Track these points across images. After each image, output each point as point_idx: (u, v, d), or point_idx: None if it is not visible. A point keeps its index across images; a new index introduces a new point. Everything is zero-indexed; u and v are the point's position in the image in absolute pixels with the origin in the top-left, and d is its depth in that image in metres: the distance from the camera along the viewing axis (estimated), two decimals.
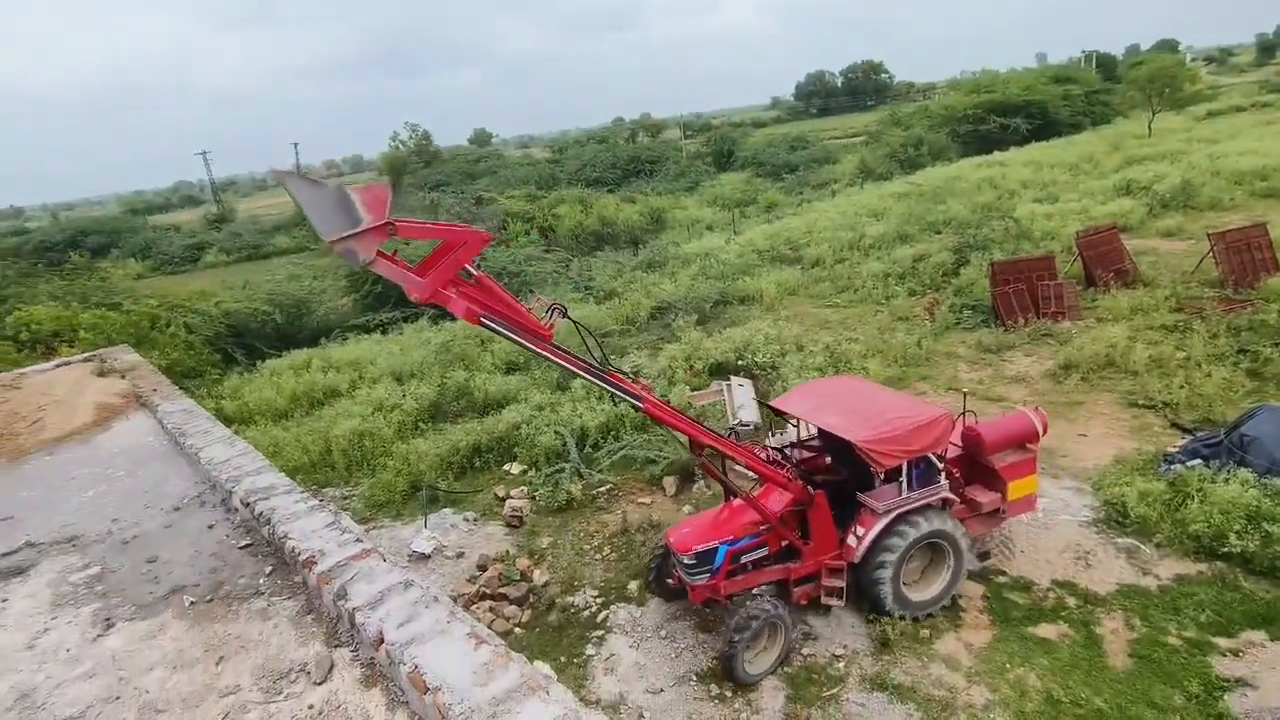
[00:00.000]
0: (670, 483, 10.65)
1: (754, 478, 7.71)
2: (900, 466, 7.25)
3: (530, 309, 4.58)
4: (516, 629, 8.24)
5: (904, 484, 7.38)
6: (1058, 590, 7.88)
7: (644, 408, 5.83)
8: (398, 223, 3.73)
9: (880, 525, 7.28)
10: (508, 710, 2.23)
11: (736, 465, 7.08)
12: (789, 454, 8.13)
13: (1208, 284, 15.40)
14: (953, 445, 7.92)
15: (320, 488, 11.82)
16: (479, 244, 4.15)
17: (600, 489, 10.76)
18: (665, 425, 6.26)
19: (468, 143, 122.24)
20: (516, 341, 4.48)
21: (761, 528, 7.36)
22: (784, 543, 7.44)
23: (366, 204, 3.66)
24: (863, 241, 22.54)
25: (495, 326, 4.30)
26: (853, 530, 7.46)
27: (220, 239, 50.59)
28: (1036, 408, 8.76)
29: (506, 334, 4.42)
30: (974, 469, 8.21)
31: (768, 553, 7.48)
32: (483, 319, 4.22)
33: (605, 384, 5.51)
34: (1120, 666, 6.86)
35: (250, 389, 15.93)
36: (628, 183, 48.09)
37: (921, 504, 7.44)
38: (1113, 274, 16.06)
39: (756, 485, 7.99)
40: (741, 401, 12.77)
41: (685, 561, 7.21)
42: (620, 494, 10.63)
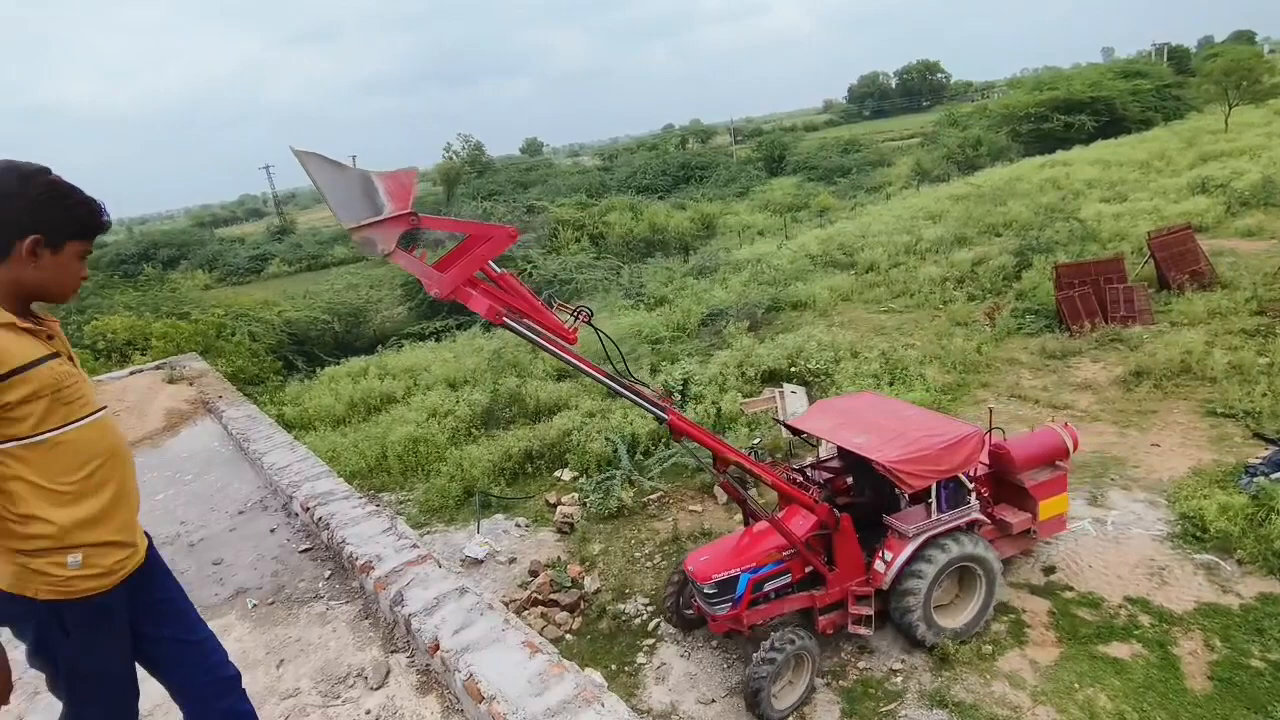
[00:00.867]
0: (722, 491, 10.55)
1: (772, 498, 7.52)
2: (929, 487, 6.94)
3: (554, 312, 4.45)
4: (567, 635, 8.25)
5: (933, 505, 7.05)
6: (1130, 607, 7.50)
7: (669, 419, 5.62)
8: (421, 215, 3.61)
9: (909, 549, 6.95)
10: None
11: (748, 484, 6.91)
12: (810, 474, 7.83)
13: None
14: (980, 464, 7.61)
15: (376, 493, 12.09)
16: (504, 240, 4.03)
17: (651, 496, 10.72)
18: (690, 439, 5.99)
19: (519, 152, 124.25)
20: (538, 344, 4.34)
21: (785, 553, 7.05)
22: (808, 569, 7.12)
23: (390, 191, 3.52)
24: (919, 245, 22.05)
25: (517, 327, 4.17)
26: (880, 555, 7.13)
27: (282, 250, 52.39)
28: (1066, 423, 8.41)
29: (529, 335, 4.27)
30: (1002, 488, 7.87)
31: (791, 580, 7.15)
32: (505, 319, 4.10)
33: (627, 394, 5.30)
34: (1199, 689, 6.48)
35: (310, 396, 16.41)
36: (678, 189, 48.13)
37: (951, 526, 7.10)
38: (1188, 276, 15.33)
39: (776, 508, 7.73)
40: (794, 409, 12.59)
41: (706, 591, 6.92)
42: (671, 501, 10.57)
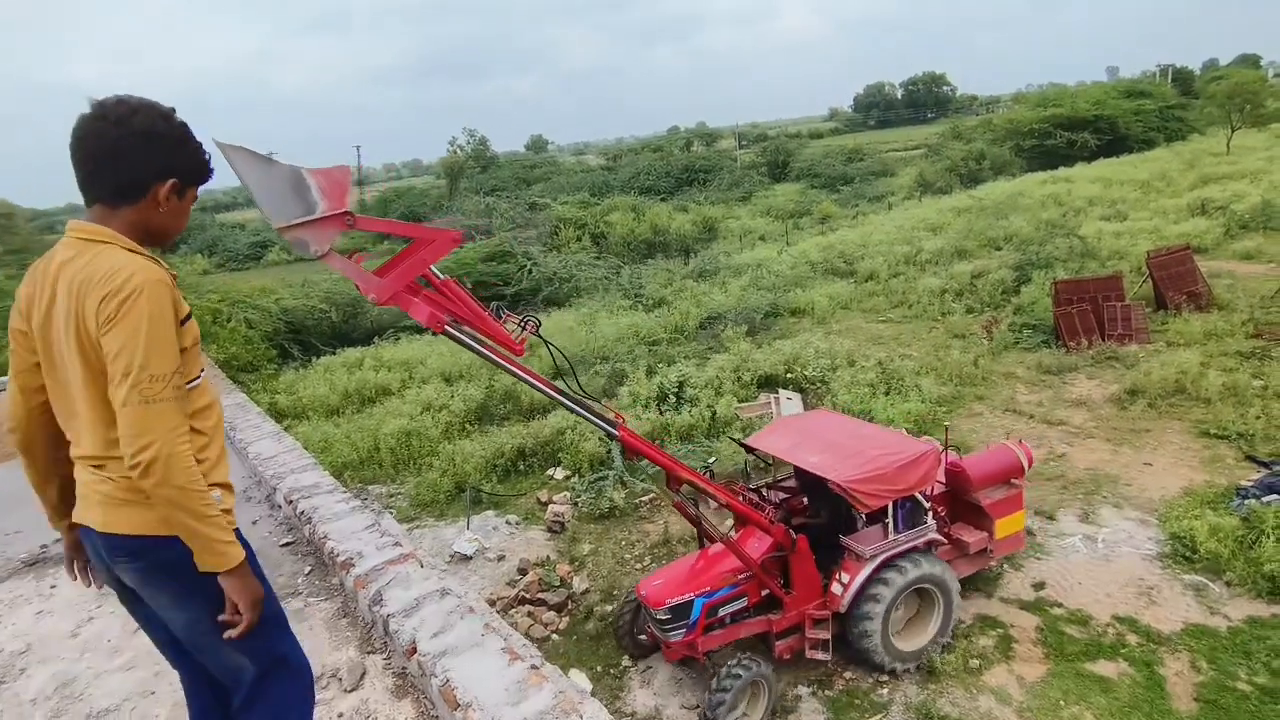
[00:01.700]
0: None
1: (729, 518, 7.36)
2: (885, 507, 6.83)
3: (501, 322, 4.17)
4: (554, 635, 8.19)
5: (890, 526, 6.93)
6: (1118, 626, 7.47)
7: (619, 435, 5.37)
8: (357, 215, 3.40)
9: (866, 571, 6.81)
10: None
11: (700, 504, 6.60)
12: (766, 494, 7.67)
13: None
14: (937, 482, 7.50)
15: (367, 485, 12.01)
16: (448, 244, 3.81)
17: (643, 498, 10.67)
18: (641, 457, 5.74)
19: (524, 149, 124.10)
20: (482, 354, 4.09)
21: (740, 577, 6.84)
22: (764, 593, 6.93)
23: (324, 189, 3.31)
24: (919, 256, 22.05)
25: (460, 337, 3.93)
26: (836, 577, 6.97)
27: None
28: (1020, 440, 8.38)
29: (472, 345, 4.01)
30: (958, 506, 7.78)
31: (747, 604, 6.96)
32: (447, 328, 3.86)
33: (576, 408, 4.96)
34: (1184, 710, 6.45)
35: (305, 385, 16.32)
36: (681, 191, 48.07)
37: (909, 547, 6.99)
38: (1185, 296, 15.34)
39: (732, 528, 7.56)
40: (789, 414, 12.56)
41: (659, 617, 6.68)
42: (662, 503, 10.51)
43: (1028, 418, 12.15)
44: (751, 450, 7.84)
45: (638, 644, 7.56)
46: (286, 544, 3.77)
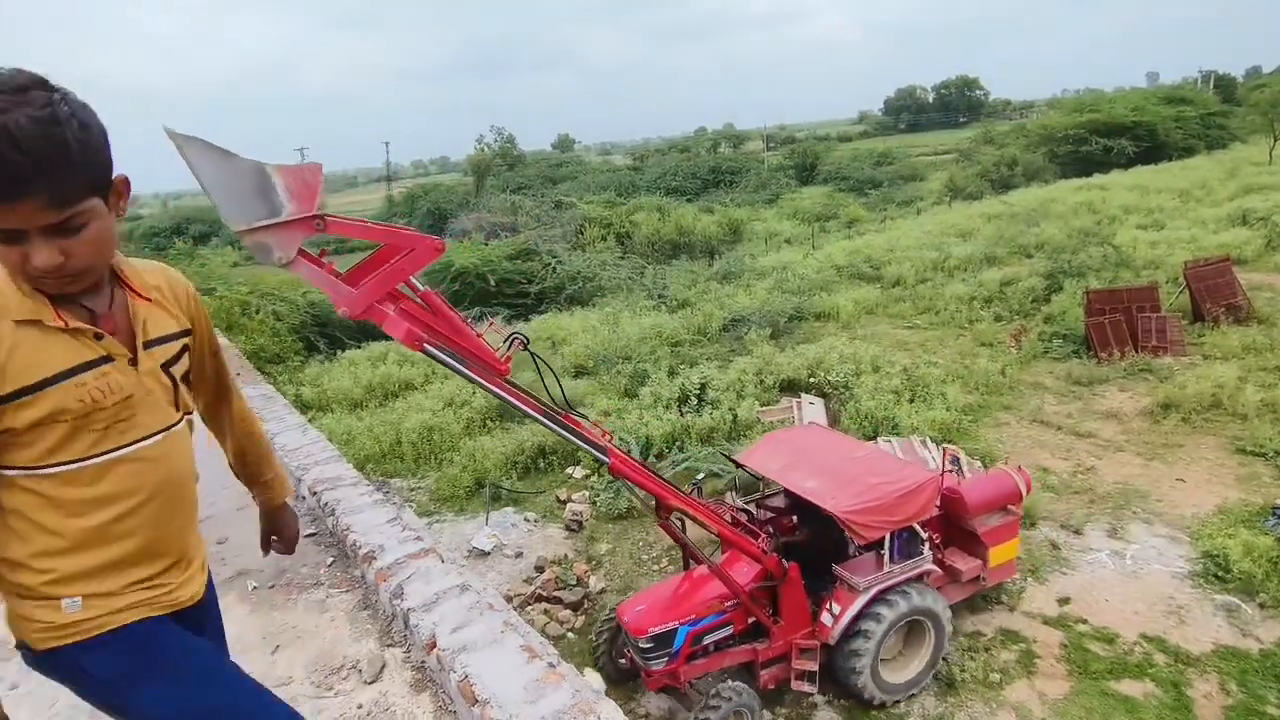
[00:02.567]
0: (732, 497, 10.45)
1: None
2: (882, 538, 6.58)
3: (481, 335, 3.88)
4: (569, 634, 8.20)
5: (886, 556, 6.69)
6: (1145, 645, 7.32)
7: (610, 462, 5.05)
8: (328, 217, 3.07)
9: (859, 603, 6.57)
10: None
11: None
12: (755, 513, 7.39)
13: None
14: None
15: (388, 478, 12.12)
16: (429, 253, 3.39)
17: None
18: (631, 482, 5.39)
19: (551, 147, 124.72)
20: (464, 375, 3.72)
21: (727, 604, 6.57)
22: (751, 620, 6.67)
23: (291, 189, 2.97)
24: (947, 262, 21.78)
25: (441, 356, 3.58)
26: (827, 607, 6.72)
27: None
28: (1019, 466, 8.16)
29: (453, 365, 3.63)
30: (950, 530, 7.55)
31: (733, 631, 6.69)
32: (426, 345, 3.51)
33: (563, 430, 4.62)
34: None
35: (329, 378, 16.51)
36: (707, 193, 47.99)
37: (903, 579, 6.76)
38: (1224, 308, 14.98)
39: (719, 549, 7.30)
40: (811, 420, 12.47)
41: (640, 645, 6.39)
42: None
43: (1055, 428, 11.94)
44: (741, 466, 7.61)
45: (616, 668, 7.24)
46: (310, 535, 3.80)
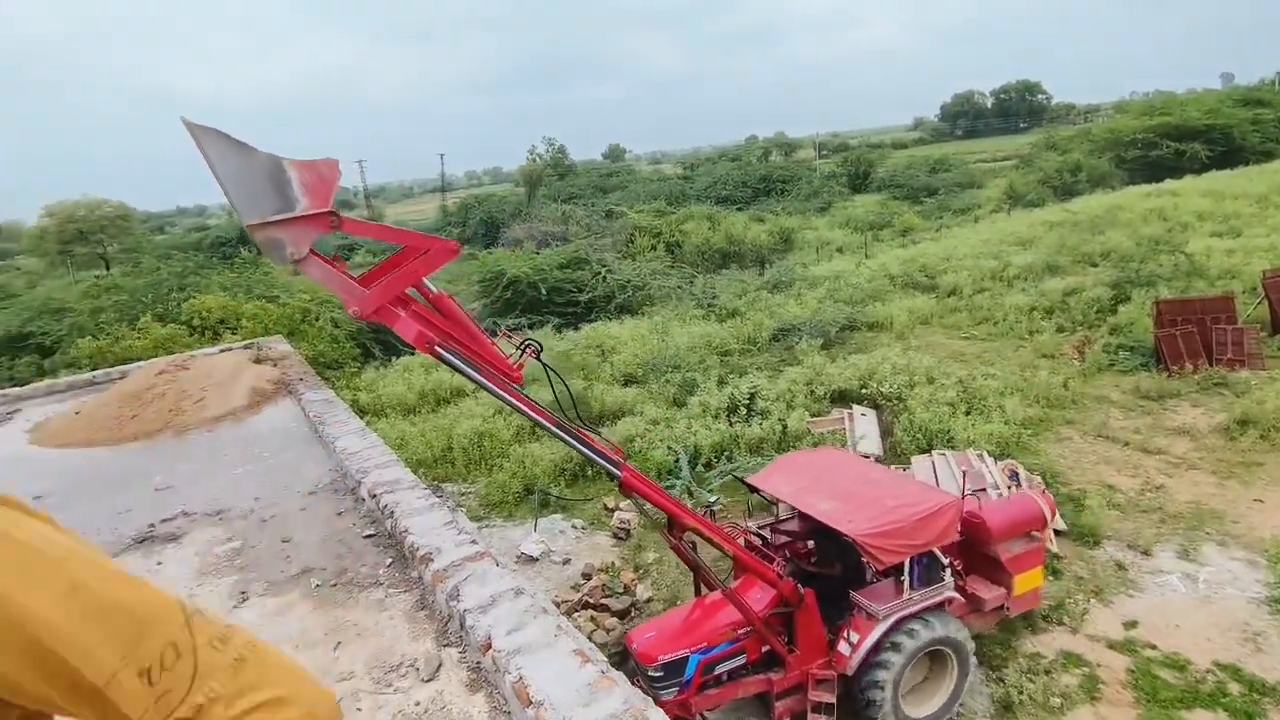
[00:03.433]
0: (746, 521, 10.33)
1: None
2: (901, 563, 6.33)
3: (495, 342, 3.85)
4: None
5: (906, 583, 6.43)
6: (1219, 673, 6.97)
7: (621, 476, 4.87)
8: (343, 216, 3.03)
9: (878, 632, 6.29)
10: None
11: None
12: (769, 537, 7.17)
13: None
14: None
15: (440, 483, 12.36)
16: (443, 255, 3.39)
17: (709, 508, 10.59)
18: (643, 499, 5.21)
19: (602, 157, 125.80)
20: (475, 380, 3.65)
21: (740, 631, 6.30)
22: (765, 648, 6.39)
23: (306, 185, 2.93)
24: (1007, 271, 21.22)
25: (452, 359, 3.53)
26: (845, 635, 6.45)
27: (368, 241, 54.20)
28: (1044, 490, 7.78)
29: (464, 369, 3.57)
30: (973, 556, 7.24)
31: (746, 660, 6.41)
32: (437, 348, 3.45)
33: (574, 442, 4.49)
34: None
35: (384, 383, 16.94)
36: (758, 201, 47.76)
37: (924, 607, 6.50)
38: None
39: (732, 574, 7.09)
40: (863, 432, 12.27)
41: (650, 673, 6.14)
42: (729, 515, 10.43)
43: (1122, 444, 11.50)
44: (755, 489, 7.39)
45: None
46: (369, 536, 3.91)
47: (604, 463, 4.73)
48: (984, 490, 9.57)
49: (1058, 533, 9.13)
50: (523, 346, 4.00)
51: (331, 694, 1.08)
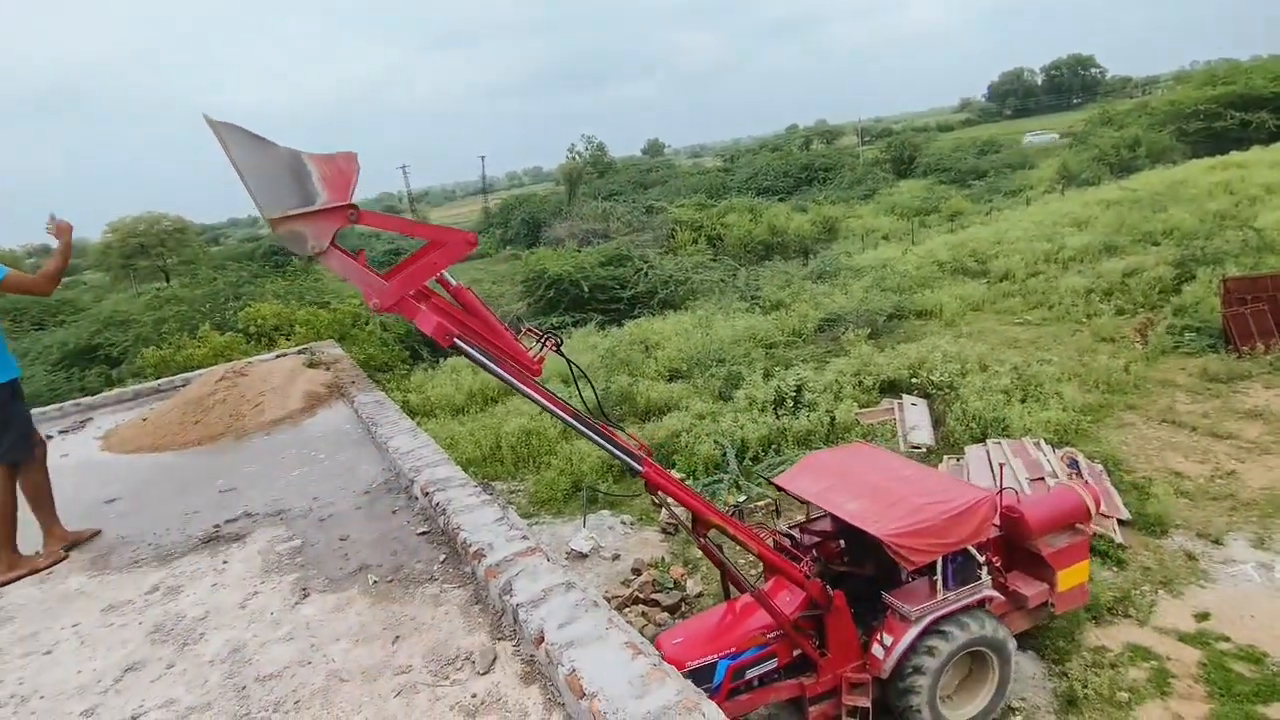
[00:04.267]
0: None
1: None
2: (934, 562, 6.13)
3: (519, 338, 3.81)
4: None
5: (939, 582, 6.23)
6: None
7: (644, 472, 4.77)
8: (361, 210, 3.07)
9: (912, 634, 6.10)
10: None
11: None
12: (799, 538, 6.98)
13: None
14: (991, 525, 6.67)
15: (490, 481, 12.55)
16: (460, 247, 3.40)
17: (758, 502, 10.54)
18: (667, 496, 5.07)
19: (641, 153, 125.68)
20: (494, 373, 3.64)
21: (770, 635, 6.17)
22: (796, 652, 6.24)
23: (326, 178, 2.95)
24: (1062, 253, 20.58)
25: (471, 352, 3.52)
26: (878, 638, 6.29)
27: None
28: (1087, 482, 7.42)
29: (483, 362, 3.56)
30: (1015, 554, 6.95)
31: (777, 665, 6.27)
32: (457, 340, 3.46)
33: (596, 437, 4.41)
34: None
35: (433, 385, 17.26)
36: (800, 191, 47.20)
37: (960, 607, 6.25)
38: None
39: (761, 577, 6.92)
40: (914, 423, 12.05)
41: None
42: (778, 509, 10.35)
43: (1189, 429, 11.05)
44: (782, 489, 7.20)
45: None
46: (423, 533, 3.99)
47: (626, 458, 4.66)
48: (1041, 479, 9.30)
49: (1122, 522, 8.83)
50: (543, 340, 3.94)
51: None
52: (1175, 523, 8.80)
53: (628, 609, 8.62)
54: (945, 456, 11.04)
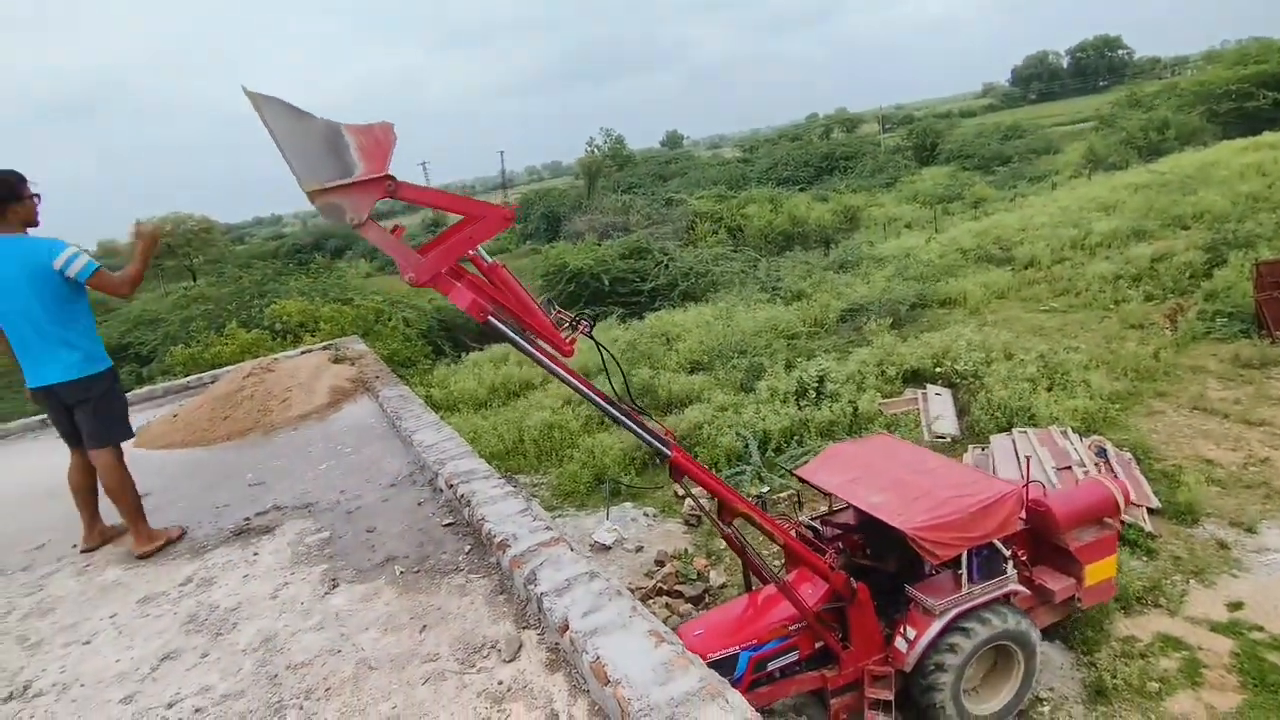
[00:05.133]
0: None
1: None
2: (958, 556, 6.08)
3: (551, 318, 3.80)
4: None
5: (964, 576, 6.19)
6: None
7: (672, 456, 4.81)
8: (400, 181, 3.04)
9: (936, 628, 6.07)
10: (686, 713, 2.18)
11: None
12: (822, 530, 6.95)
13: None
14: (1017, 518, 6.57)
15: (513, 474, 12.64)
16: (498, 223, 3.35)
17: (780, 494, 10.52)
18: (693, 481, 5.11)
19: (659, 145, 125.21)
20: (526, 352, 3.69)
21: (792, 627, 6.17)
22: (818, 644, 6.27)
23: (364, 149, 2.95)
24: (1088, 239, 20.24)
25: (505, 330, 3.55)
26: (901, 631, 6.26)
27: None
28: (1115, 474, 7.26)
29: (517, 341, 3.61)
30: (1041, 547, 6.86)
31: (799, 657, 6.29)
32: (491, 317, 3.48)
33: (625, 421, 4.48)
34: None
35: (455, 379, 17.41)
36: (820, 180, 46.76)
37: (984, 601, 6.20)
38: None
39: (783, 568, 6.88)
40: (939, 412, 11.95)
41: None
42: (801, 500, 10.32)
43: (1221, 416, 10.85)
44: (804, 481, 7.19)
45: None
46: (448, 524, 4.04)
47: (653, 442, 4.69)
48: (1068, 468, 9.18)
49: (1151, 511, 8.70)
50: (574, 322, 3.94)
51: None
52: (1206, 511, 8.66)
53: (651, 600, 8.66)
54: (970, 446, 10.94)
